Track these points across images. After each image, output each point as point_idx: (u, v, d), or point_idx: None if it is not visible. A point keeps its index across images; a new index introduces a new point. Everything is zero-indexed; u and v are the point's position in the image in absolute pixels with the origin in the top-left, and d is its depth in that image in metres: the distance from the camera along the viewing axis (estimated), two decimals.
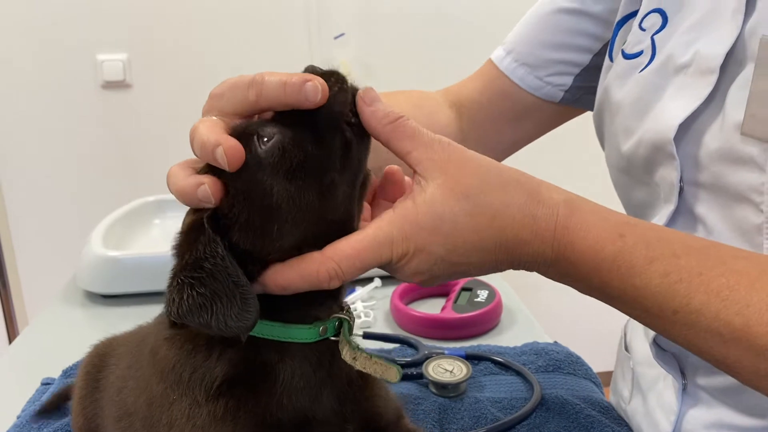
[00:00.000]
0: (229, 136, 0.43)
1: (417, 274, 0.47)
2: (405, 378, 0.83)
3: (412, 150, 0.46)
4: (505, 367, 0.86)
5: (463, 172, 0.46)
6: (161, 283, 0.47)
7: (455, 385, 0.79)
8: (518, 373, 0.84)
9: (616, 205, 0.59)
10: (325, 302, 0.50)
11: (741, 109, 0.53)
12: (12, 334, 2.15)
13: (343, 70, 0.47)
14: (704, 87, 0.57)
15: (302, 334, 0.48)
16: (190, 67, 2.14)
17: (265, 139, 0.44)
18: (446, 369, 0.81)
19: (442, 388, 0.80)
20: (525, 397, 0.78)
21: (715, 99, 0.57)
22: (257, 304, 0.43)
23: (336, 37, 2.16)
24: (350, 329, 0.50)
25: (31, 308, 2.25)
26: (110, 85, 2.13)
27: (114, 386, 0.59)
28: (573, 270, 0.47)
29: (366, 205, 0.52)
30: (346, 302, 0.53)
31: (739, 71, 0.55)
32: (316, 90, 0.43)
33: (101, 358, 0.64)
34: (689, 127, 0.58)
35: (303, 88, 0.43)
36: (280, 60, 2.17)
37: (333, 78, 0.46)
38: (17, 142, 2.14)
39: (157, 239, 1.31)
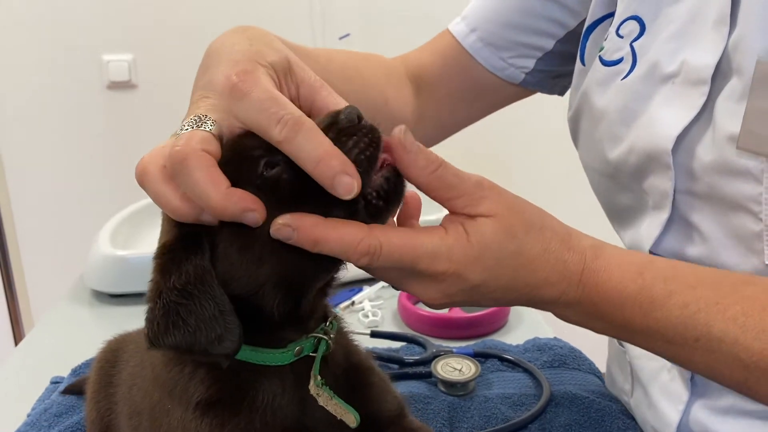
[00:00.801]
0: (251, 196, 0.42)
1: (440, 295, 0.48)
2: (414, 377, 0.83)
3: (455, 198, 0.47)
4: (511, 364, 0.86)
5: (512, 215, 0.48)
6: None
7: (464, 384, 0.79)
8: (525, 370, 0.84)
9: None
10: (299, 325, 0.48)
11: (731, 120, 0.54)
12: (18, 334, 2.16)
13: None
14: (697, 97, 0.58)
15: (275, 358, 0.47)
16: (195, 68, 2.13)
17: (271, 169, 0.43)
18: (455, 368, 0.81)
19: (451, 386, 0.80)
20: (534, 394, 0.78)
21: (704, 111, 0.58)
22: (240, 331, 0.42)
23: (341, 38, 2.17)
24: (327, 347, 0.50)
25: (36, 309, 2.25)
26: (116, 86, 2.14)
27: (126, 383, 0.60)
28: (595, 309, 0.50)
29: None
30: (333, 311, 0.52)
31: (724, 83, 0.56)
32: (350, 189, 0.41)
33: (114, 353, 0.65)
34: (683, 138, 0.59)
35: (334, 181, 0.41)
36: None
37: (364, 142, 0.43)
38: (23, 142, 2.15)
39: None
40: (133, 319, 0.70)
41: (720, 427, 0.61)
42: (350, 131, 0.43)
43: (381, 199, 0.44)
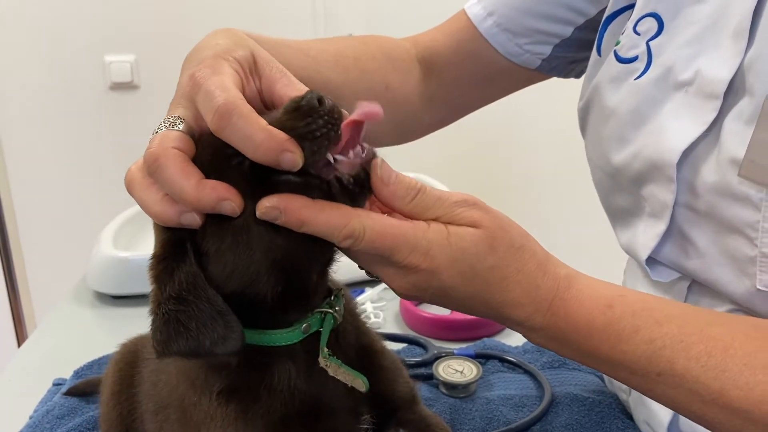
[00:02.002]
0: (224, 185, 0.43)
1: (410, 287, 0.48)
2: (415, 378, 0.83)
3: (439, 216, 0.48)
4: (512, 365, 0.86)
5: (496, 228, 0.48)
6: None
7: (466, 386, 0.79)
8: (526, 371, 0.84)
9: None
10: (302, 306, 0.49)
11: (736, 143, 0.54)
12: (20, 335, 2.16)
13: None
14: (709, 112, 0.57)
15: (283, 338, 0.49)
16: None
17: (240, 159, 0.44)
18: (456, 369, 0.81)
19: (453, 388, 0.80)
20: (535, 395, 0.78)
21: (714, 127, 0.57)
22: (241, 328, 0.44)
23: None
24: (333, 321, 0.50)
25: (39, 310, 2.26)
26: (118, 87, 2.14)
27: (149, 381, 0.60)
28: (562, 336, 0.50)
29: None
30: (336, 285, 0.53)
31: (735, 101, 0.56)
32: (294, 162, 0.42)
33: (133, 354, 0.65)
34: (688, 154, 0.59)
35: (279, 159, 0.42)
36: None
37: (318, 131, 0.43)
38: (25, 142, 2.15)
39: None
40: (136, 320, 0.70)
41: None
42: (308, 113, 0.43)
43: (357, 185, 0.45)
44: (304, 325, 0.49)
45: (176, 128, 0.46)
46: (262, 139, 0.42)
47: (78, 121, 2.16)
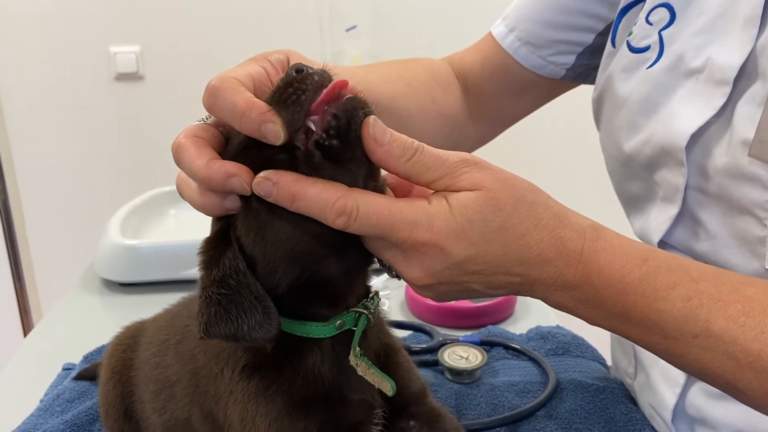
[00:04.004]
0: (232, 163, 0.44)
1: (424, 273, 0.46)
2: (421, 365, 0.84)
3: (438, 179, 0.45)
4: (517, 352, 0.86)
5: (498, 188, 0.45)
6: (179, 272, 0.50)
7: (470, 372, 0.80)
8: (531, 358, 0.85)
9: None
10: (333, 304, 0.50)
11: (748, 125, 0.54)
12: (26, 325, 2.18)
13: (354, 63, 0.45)
14: (718, 98, 0.57)
15: (317, 331, 0.49)
16: (202, 59, 2.15)
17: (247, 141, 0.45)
18: (461, 356, 0.82)
19: (458, 374, 0.80)
20: (539, 381, 0.79)
21: (725, 111, 0.58)
22: (278, 315, 0.45)
23: (348, 30, 2.17)
24: (367, 321, 0.50)
25: (44, 299, 2.27)
26: (123, 77, 2.15)
27: (149, 363, 0.61)
28: (595, 295, 0.47)
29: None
30: (372, 288, 0.53)
31: (747, 86, 0.56)
32: (276, 134, 0.42)
33: (133, 339, 0.66)
34: (699, 137, 0.59)
35: (261, 130, 0.42)
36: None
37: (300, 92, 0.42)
38: (31, 133, 2.16)
39: (173, 229, 1.32)
40: (144, 307, 0.72)
41: (714, 410, 0.62)
42: (288, 84, 0.43)
43: (334, 137, 0.42)
44: (338, 322, 0.49)
45: (201, 122, 0.48)
46: (243, 108, 0.42)
47: (83, 112, 2.16)
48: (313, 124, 0.43)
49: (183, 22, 2.13)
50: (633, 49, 0.66)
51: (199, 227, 0.54)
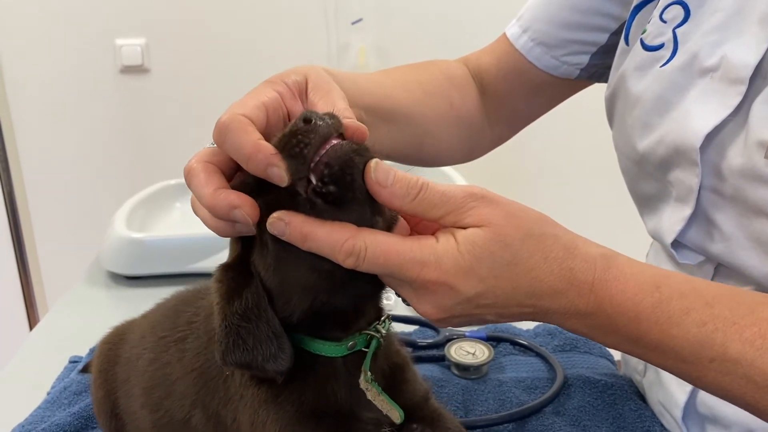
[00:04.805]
0: (237, 193, 0.45)
1: (436, 309, 0.46)
2: (428, 360, 0.84)
3: (445, 215, 0.46)
4: (524, 348, 0.86)
5: (505, 223, 0.46)
6: (184, 265, 0.50)
7: (477, 367, 0.80)
8: (538, 354, 0.84)
9: None
10: (345, 328, 0.50)
11: (765, 126, 0.54)
12: (32, 318, 2.19)
13: (359, 56, 0.45)
14: (733, 97, 0.57)
15: (330, 350, 0.50)
16: (208, 52, 2.15)
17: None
18: (468, 351, 0.82)
19: (464, 370, 0.80)
20: (547, 377, 0.79)
21: (740, 111, 0.57)
22: (291, 350, 0.47)
23: (353, 23, 2.16)
24: (378, 344, 0.51)
25: (50, 293, 2.28)
26: (128, 70, 2.14)
27: (143, 359, 0.61)
28: (609, 322, 0.47)
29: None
30: (385, 311, 0.54)
31: (764, 85, 0.55)
32: (280, 178, 0.43)
33: (120, 337, 0.67)
34: (713, 137, 0.58)
35: (267, 172, 0.44)
36: (298, 45, 2.17)
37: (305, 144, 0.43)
38: (37, 126, 2.16)
39: (179, 222, 1.32)
40: (149, 300, 0.71)
41: (726, 408, 0.62)
42: (295, 133, 0.44)
43: (329, 184, 0.43)
44: (350, 343, 0.50)
45: (213, 145, 0.48)
46: (250, 151, 0.44)
47: (89, 105, 2.16)
48: (312, 174, 0.44)
49: (189, 14, 2.12)
50: (647, 47, 0.65)
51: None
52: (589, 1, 0.76)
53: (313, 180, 0.43)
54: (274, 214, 0.44)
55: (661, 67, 0.63)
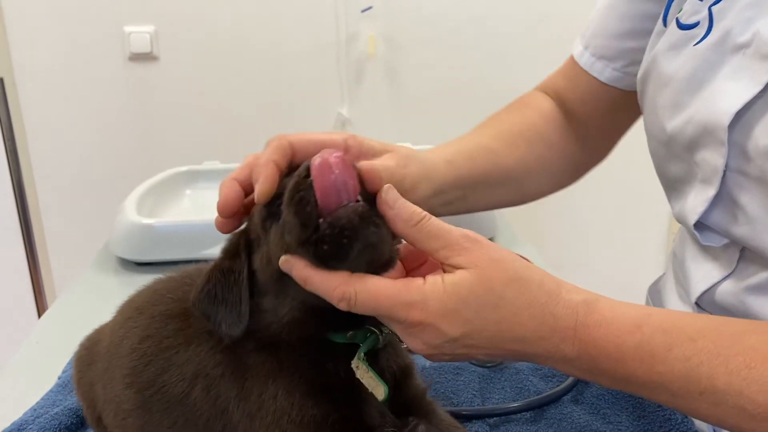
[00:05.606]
0: (228, 189, 0.54)
1: (425, 346, 0.49)
2: None
3: (439, 248, 0.48)
4: None
5: (491, 267, 0.48)
6: (195, 251, 0.53)
7: None
8: None
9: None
10: (347, 330, 0.53)
11: None
12: (40, 306, 2.19)
13: (369, 45, 0.47)
14: (764, 73, 0.55)
15: (331, 335, 0.53)
16: (217, 40, 2.13)
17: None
18: None
19: None
20: None
21: None
22: (246, 325, 0.51)
23: (363, 11, 2.14)
24: (375, 342, 0.53)
25: (58, 281, 2.28)
26: (137, 57, 2.13)
27: (130, 337, 0.59)
28: (595, 366, 0.49)
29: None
30: None
31: None
32: (260, 198, 0.51)
33: (92, 341, 0.68)
34: (741, 116, 0.57)
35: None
36: (307, 33, 2.15)
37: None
38: (45, 113, 2.16)
39: (189, 209, 1.31)
40: None
41: None
42: (297, 186, 0.47)
43: (325, 243, 0.46)
44: (350, 333, 0.52)
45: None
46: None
47: (97, 92, 2.15)
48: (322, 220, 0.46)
49: (197, 2, 2.11)
50: (682, 26, 0.64)
51: (213, 207, 0.55)
52: (636, 7, 0.76)
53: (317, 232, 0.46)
54: (283, 257, 0.48)
55: (694, 45, 0.62)
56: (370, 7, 2.14)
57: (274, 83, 2.19)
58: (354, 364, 0.52)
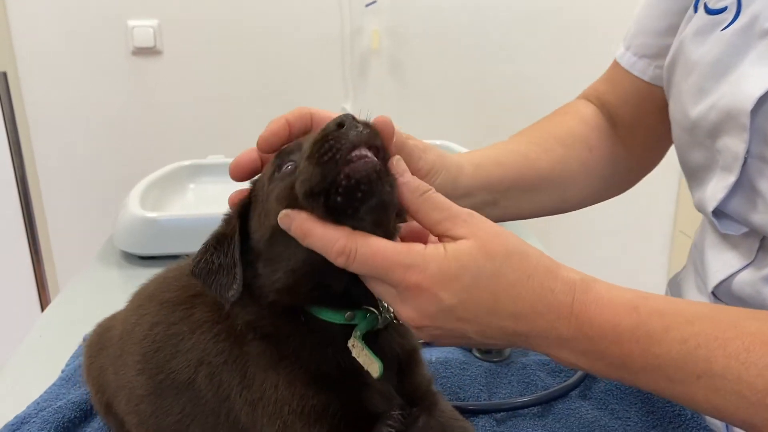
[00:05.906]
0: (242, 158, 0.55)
1: (418, 314, 0.47)
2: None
3: (442, 220, 0.48)
4: None
5: (492, 239, 0.48)
6: (198, 245, 0.53)
7: (499, 350, 0.78)
8: None
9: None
10: (343, 306, 0.52)
11: None
12: (44, 300, 2.19)
13: (373, 40, 0.46)
14: None
15: (329, 316, 0.52)
16: (220, 34, 2.12)
17: (288, 166, 0.50)
18: None
19: (486, 352, 0.78)
20: None
21: None
22: (240, 286, 0.50)
23: (367, 5, 2.13)
24: (374, 322, 0.52)
25: (61, 275, 2.27)
26: (140, 52, 2.12)
27: (141, 324, 0.60)
28: (592, 346, 0.47)
29: None
30: None
31: None
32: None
33: (103, 328, 0.68)
34: (765, 102, 0.56)
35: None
36: (312, 27, 2.14)
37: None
38: (48, 107, 2.15)
39: (192, 203, 1.31)
40: None
41: None
42: (326, 138, 0.46)
43: (339, 194, 0.45)
44: (348, 313, 0.51)
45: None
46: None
47: (100, 86, 2.15)
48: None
49: None
50: (710, 11, 0.63)
51: (217, 201, 0.56)
52: (675, 3, 0.74)
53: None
54: (283, 211, 0.47)
55: (721, 30, 0.61)
56: (374, 2, 2.12)
57: (278, 78, 2.18)
58: (350, 342, 0.51)
